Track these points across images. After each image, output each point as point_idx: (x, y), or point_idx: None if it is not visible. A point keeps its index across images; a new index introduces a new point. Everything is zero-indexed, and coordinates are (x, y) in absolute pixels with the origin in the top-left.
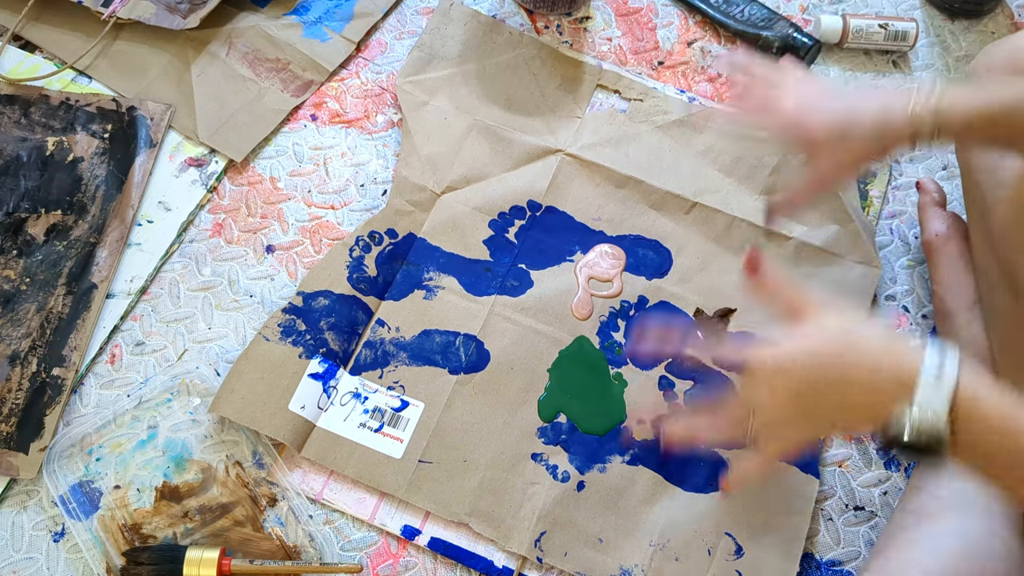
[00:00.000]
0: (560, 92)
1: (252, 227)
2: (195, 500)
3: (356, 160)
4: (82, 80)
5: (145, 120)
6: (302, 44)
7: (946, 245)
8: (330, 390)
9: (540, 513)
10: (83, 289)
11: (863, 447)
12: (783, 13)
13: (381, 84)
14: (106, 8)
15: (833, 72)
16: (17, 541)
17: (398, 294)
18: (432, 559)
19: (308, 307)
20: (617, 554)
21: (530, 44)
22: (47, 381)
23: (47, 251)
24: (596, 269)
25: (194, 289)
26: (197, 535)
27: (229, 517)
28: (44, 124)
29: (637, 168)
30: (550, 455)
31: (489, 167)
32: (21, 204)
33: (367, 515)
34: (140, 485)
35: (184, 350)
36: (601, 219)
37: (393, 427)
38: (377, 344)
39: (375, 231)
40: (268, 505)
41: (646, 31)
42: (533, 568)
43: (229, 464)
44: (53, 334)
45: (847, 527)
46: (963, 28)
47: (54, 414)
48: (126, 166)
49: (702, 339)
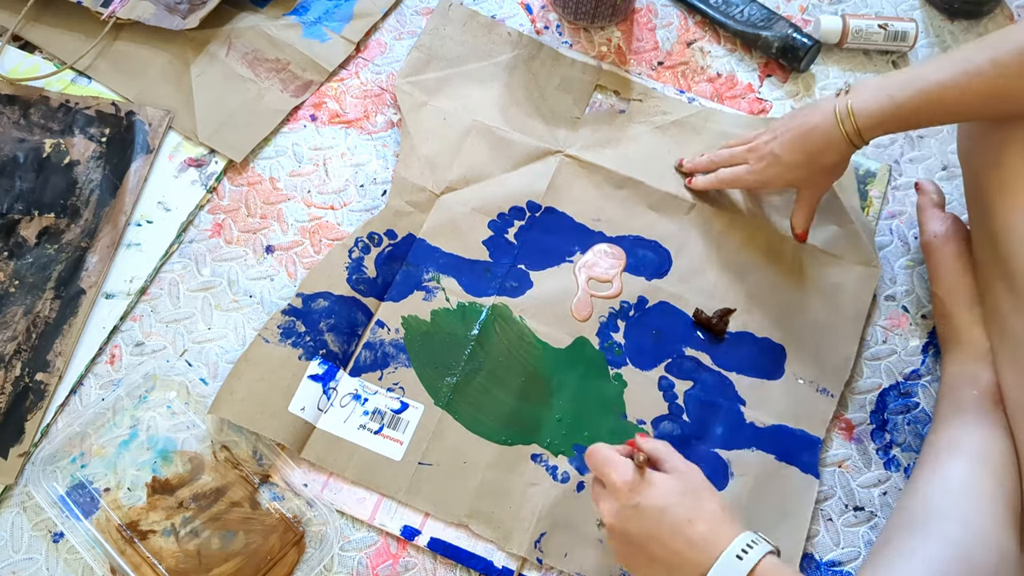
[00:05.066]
0: (559, 92)
1: (252, 227)
2: (188, 489)
3: (356, 160)
4: (82, 81)
5: (143, 125)
6: (302, 44)
7: (945, 246)
8: (330, 392)
9: (540, 514)
10: (71, 294)
11: (863, 447)
12: (783, 13)
13: (381, 84)
14: (106, 8)
15: (833, 72)
16: (17, 542)
17: (398, 295)
18: (432, 559)
19: (308, 308)
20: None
21: (529, 44)
22: (30, 386)
23: (38, 254)
24: (596, 270)
25: (194, 289)
26: (196, 523)
27: (225, 500)
28: (42, 126)
29: (636, 169)
30: (550, 456)
31: (488, 168)
32: (15, 206)
33: (367, 515)
34: (131, 484)
35: (184, 350)
36: (600, 220)
37: (393, 429)
38: (377, 345)
39: (374, 232)
40: (261, 482)
41: (645, 31)
42: (533, 569)
43: (216, 449)
44: (39, 338)
45: (847, 527)
46: (963, 28)
47: (35, 419)
48: (121, 171)
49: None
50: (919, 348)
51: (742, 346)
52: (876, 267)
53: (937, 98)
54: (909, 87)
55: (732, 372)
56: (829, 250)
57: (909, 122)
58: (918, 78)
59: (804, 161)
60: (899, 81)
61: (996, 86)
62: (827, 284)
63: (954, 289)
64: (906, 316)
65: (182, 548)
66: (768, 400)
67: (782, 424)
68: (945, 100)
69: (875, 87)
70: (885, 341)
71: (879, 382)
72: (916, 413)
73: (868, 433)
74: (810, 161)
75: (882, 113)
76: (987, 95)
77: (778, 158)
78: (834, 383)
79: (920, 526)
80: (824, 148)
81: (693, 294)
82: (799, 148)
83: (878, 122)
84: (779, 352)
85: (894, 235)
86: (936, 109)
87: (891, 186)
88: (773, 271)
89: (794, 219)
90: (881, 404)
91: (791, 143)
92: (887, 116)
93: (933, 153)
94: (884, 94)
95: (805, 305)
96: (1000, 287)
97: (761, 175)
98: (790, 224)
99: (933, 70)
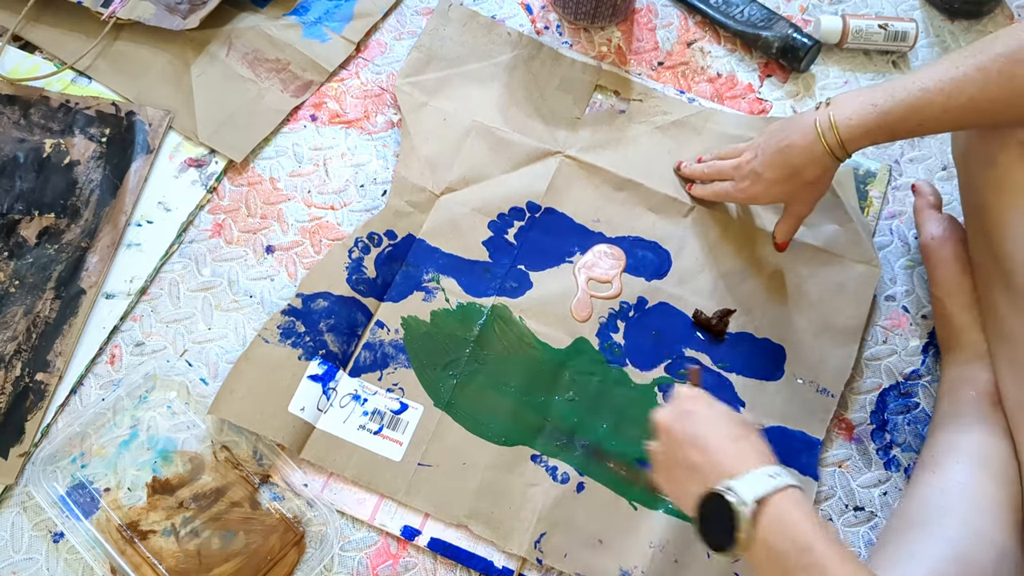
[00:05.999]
0: (559, 93)
1: (252, 227)
2: (188, 489)
3: (356, 160)
4: (82, 81)
5: (143, 125)
6: (302, 44)
7: (943, 248)
8: (329, 392)
9: (540, 514)
10: (71, 294)
11: (863, 447)
12: (783, 13)
13: (381, 85)
14: (106, 8)
15: (833, 72)
16: (17, 542)
17: (397, 295)
18: (432, 560)
19: (307, 309)
20: (617, 555)
21: (529, 45)
22: (30, 386)
23: (38, 254)
24: (595, 270)
25: (194, 290)
26: (196, 523)
27: (225, 500)
28: (43, 126)
29: (636, 171)
30: (549, 456)
31: (488, 168)
32: (15, 206)
33: (367, 516)
34: (131, 484)
35: (184, 350)
36: (600, 221)
37: (392, 429)
38: (376, 346)
39: (374, 232)
40: (262, 482)
41: (645, 31)
42: (533, 569)
43: (216, 449)
44: (39, 339)
45: (847, 527)
46: (963, 28)
47: (35, 419)
48: (122, 171)
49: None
50: (919, 348)
51: (742, 347)
52: (876, 267)
53: (922, 105)
54: (892, 95)
55: (732, 373)
56: (829, 250)
57: (895, 131)
58: (902, 87)
59: (786, 176)
60: (882, 90)
61: (982, 92)
62: (827, 284)
63: (953, 291)
64: (906, 316)
65: (182, 548)
66: (768, 401)
67: (781, 425)
68: (931, 107)
69: (856, 97)
70: (885, 341)
71: (879, 382)
72: (916, 413)
73: (868, 433)
74: (791, 176)
75: (865, 123)
76: (973, 101)
77: (760, 176)
78: (834, 383)
79: (919, 527)
80: (805, 163)
81: (693, 295)
82: (780, 164)
83: (862, 132)
84: (779, 353)
85: (894, 235)
86: (922, 117)
87: (891, 186)
88: (772, 272)
89: (777, 229)
90: (881, 404)
91: (771, 160)
92: (871, 125)
93: (933, 153)
94: (867, 103)
95: (805, 305)
96: (997, 288)
97: (745, 193)
98: (772, 233)
99: (917, 78)
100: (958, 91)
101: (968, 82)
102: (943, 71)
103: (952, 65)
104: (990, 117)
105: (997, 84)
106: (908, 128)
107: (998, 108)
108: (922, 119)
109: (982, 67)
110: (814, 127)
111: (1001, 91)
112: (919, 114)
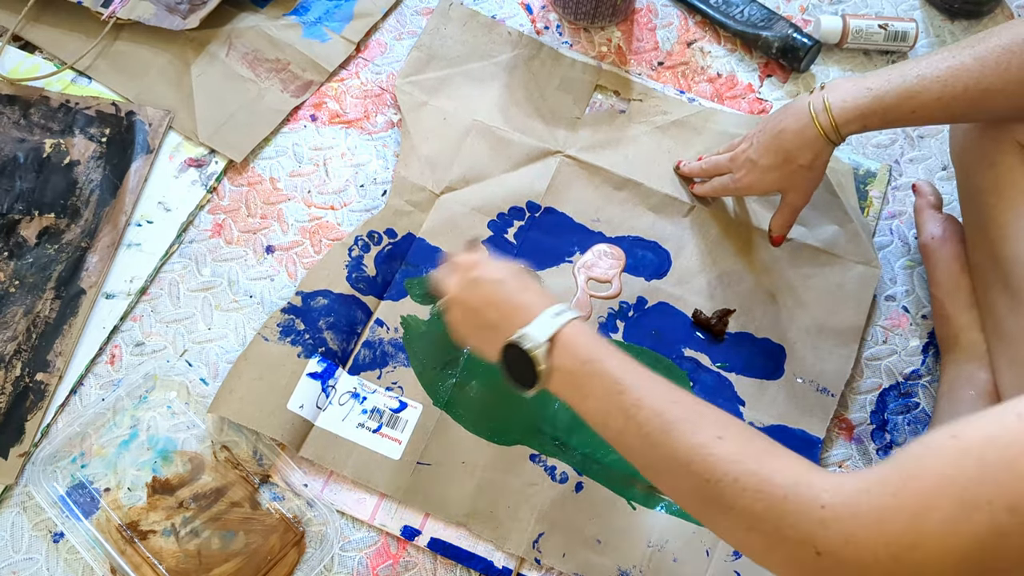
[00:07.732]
0: (559, 93)
1: (252, 227)
2: (188, 489)
3: (356, 160)
4: (82, 81)
5: (143, 125)
6: (302, 44)
7: (942, 248)
8: (329, 390)
9: (538, 514)
10: (71, 294)
11: (863, 447)
12: (783, 13)
13: (381, 84)
14: (106, 8)
15: (833, 72)
16: (17, 542)
17: (397, 294)
18: (432, 559)
19: (307, 307)
20: (615, 555)
21: (529, 44)
22: (30, 386)
23: (38, 254)
24: (595, 270)
25: (194, 289)
26: (196, 523)
27: (225, 500)
28: (43, 126)
29: (636, 171)
30: (548, 456)
31: (488, 168)
32: (15, 205)
33: (367, 515)
34: (131, 484)
35: (184, 350)
36: (600, 220)
37: (391, 428)
38: (376, 344)
39: (374, 231)
40: (262, 482)
41: (645, 31)
42: (532, 569)
43: (216, 449)
44: (39, 338)
45: None
46: (963, 28)
47: (35, 419)
48: (122, 171)
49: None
50: (919, 348)
51: (741, 347)
52: (876, 267)
53: (917, 91)
54: (888, 80)
55: (731, 373)
56: (829, 250)
57: (888, 116)
58: (898, 73)
59: (780, 162)
60: (878, 76)
61: (978, 82)
62: (827, 284)
63: (952, 291)
64: (906, 316)
65: (182, 548)
66: (768, 400)
67: (782, 424)
68: (926, 93)
69: (853, 82)
70: (885, 341)
71: (879, 382)
72: (916, 413)
73: (868, 433)
74: (785, 161)
75: (859, 106)
76: (969, 90)
77: (755, 164)
78: (834, 383)
79: None
80: (798, 146)
81: (692, 295)
82: (773, 149)
83: (856, 115)
84: (779, 352)
85: (894, 235)
86: (916, 104)
87: (891, 186)
88: (772, 272)
89: (773, 221)
90: (881, 404)
91: (766, 146)
92: (865, 109)
93: (933, 153)
94: (862, 87)
95: (805, 305)
96: (996, 288)
97: (741, 183)
98: (768, 227)
99: (914, 66)
100: (954, 79)
101: (964, 71)
102: (940, 60)
103: (950, 55)
104: (984, 107)
105: (993, 73)
106: (902, 114)
107: (992, 98)
108: (916, 106)
109: (979, 57)
110: (808, 110)
111: (996, 80)
112: (913, 100)
